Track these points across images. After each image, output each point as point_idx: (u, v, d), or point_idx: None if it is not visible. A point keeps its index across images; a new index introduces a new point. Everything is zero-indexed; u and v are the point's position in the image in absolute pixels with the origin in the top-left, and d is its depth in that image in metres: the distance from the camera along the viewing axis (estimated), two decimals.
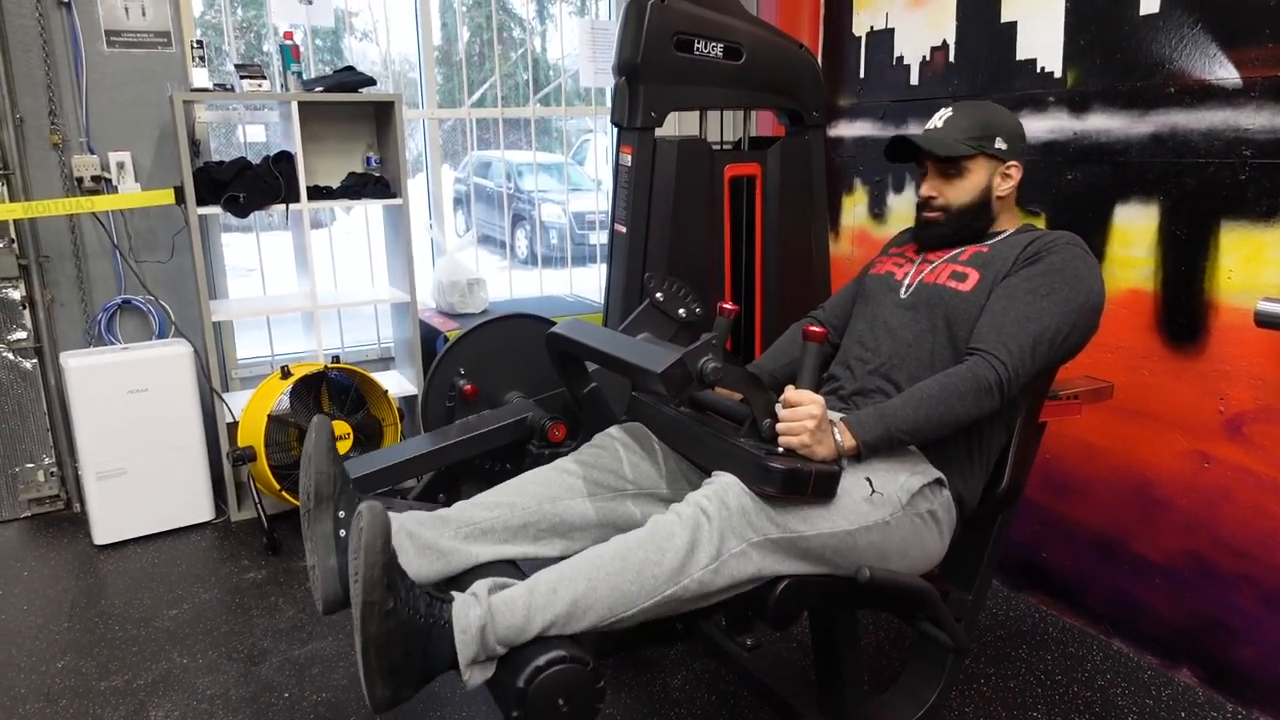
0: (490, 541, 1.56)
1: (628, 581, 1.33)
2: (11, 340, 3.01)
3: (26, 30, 2.89)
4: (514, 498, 1.60)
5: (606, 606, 1.33)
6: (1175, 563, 2.19)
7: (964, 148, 1.67)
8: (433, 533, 1.53)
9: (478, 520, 1.56)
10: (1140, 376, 2.21)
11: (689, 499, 1.39)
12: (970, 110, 1.71)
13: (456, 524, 1.55)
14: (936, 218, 1.74)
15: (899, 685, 1.98)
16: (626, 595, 1.33)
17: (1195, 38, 2.02)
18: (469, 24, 4.43)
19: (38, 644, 2.35)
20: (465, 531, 1.55)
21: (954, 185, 1.71)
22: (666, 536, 1.35)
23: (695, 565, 1.34)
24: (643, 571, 1.33)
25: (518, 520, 1.58)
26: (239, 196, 2.91)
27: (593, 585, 1.33)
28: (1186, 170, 2.07)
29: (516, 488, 1.63)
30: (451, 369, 2.08)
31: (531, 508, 1.59)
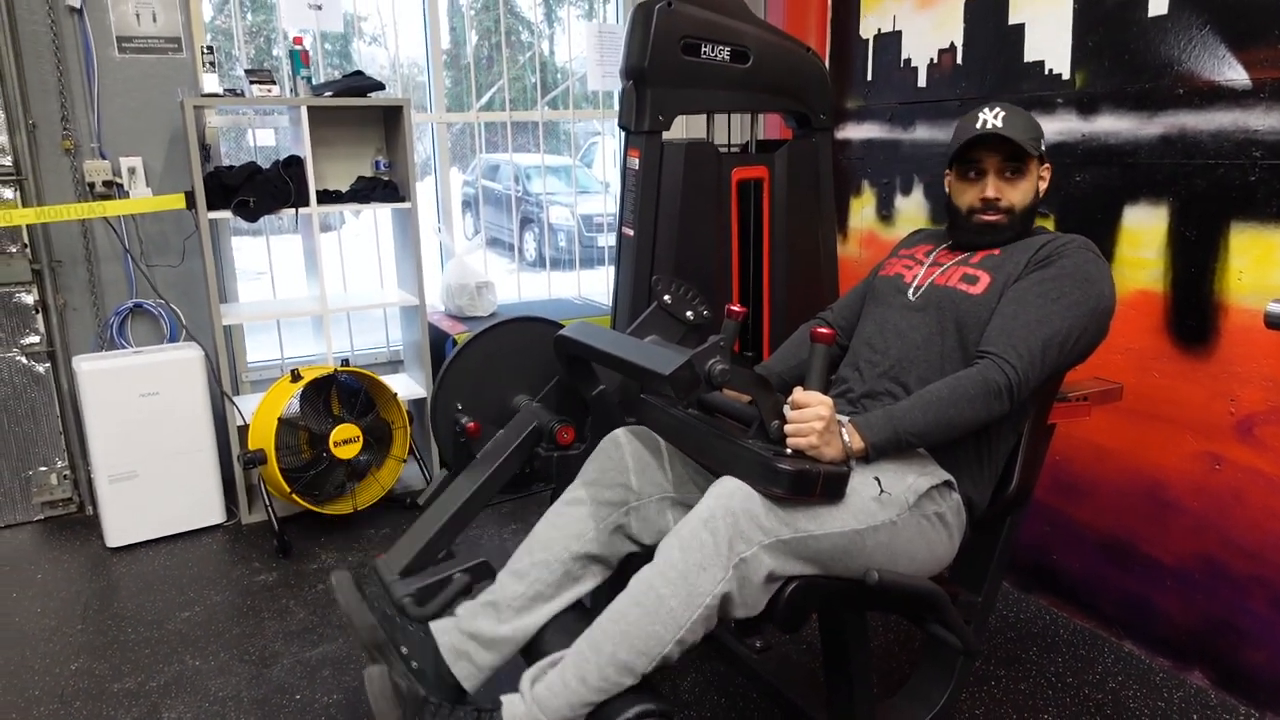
0: (541, 603, 1.62)
1: (651, 623, 1.36)
2: (25, 344, 3.04)
3: (39, 37, 2.92)
4: (542, 555, 1.64)
5: (641, 655, 1.36)
6: (1186, 565, 2.18)
7: (1033, 147, 1.65)
8: (489, 623, 1.60)
9: (521, 591, 1.62)
10: (1150, 378, 2.21)
11: (692, 514, 1.39)
12: (1016, 110, 1.67)
13: (506, 602, 1.61)
14: (1000, 220, 1.68)
15: (908, 688, 1.98)
16: (655, 636, 1.36)
17: (1204, 39, 2.02)
18: (477, 28, 4.45)
19: (51, 646, 2.37)
20: (516, 606, 1.61)
21: (1016, 186, 1.68)
22: (669, 565, 1.36)
23: (707, 583, 1.34)
24: (659, 608, 1.35)
25: (555, 574, 1.63)
26: (249, 201, 2.93)
27: (621, 639, 1.36)
28: (1196, 171, 2.06)
29: (542, 542, 1.66)
30: (455, 385, 2.08)
31: (561, 555, 1.63)
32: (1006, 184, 1.68)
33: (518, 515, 3.13)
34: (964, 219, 1.74)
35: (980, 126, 1.66)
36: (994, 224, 1.69)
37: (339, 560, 2.83)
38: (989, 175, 1.69)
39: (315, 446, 3.00)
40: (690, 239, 2.27)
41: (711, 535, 1.35)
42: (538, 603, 1.62)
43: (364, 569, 2.05)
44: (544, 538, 1.66)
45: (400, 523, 3.10)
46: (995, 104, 1.68)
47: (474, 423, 2.04)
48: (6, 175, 2.91)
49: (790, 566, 1.40)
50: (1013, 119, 1.65)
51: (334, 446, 2.91)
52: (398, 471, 3.16)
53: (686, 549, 1.35)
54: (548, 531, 1.67)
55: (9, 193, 2.93)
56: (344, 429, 2.92)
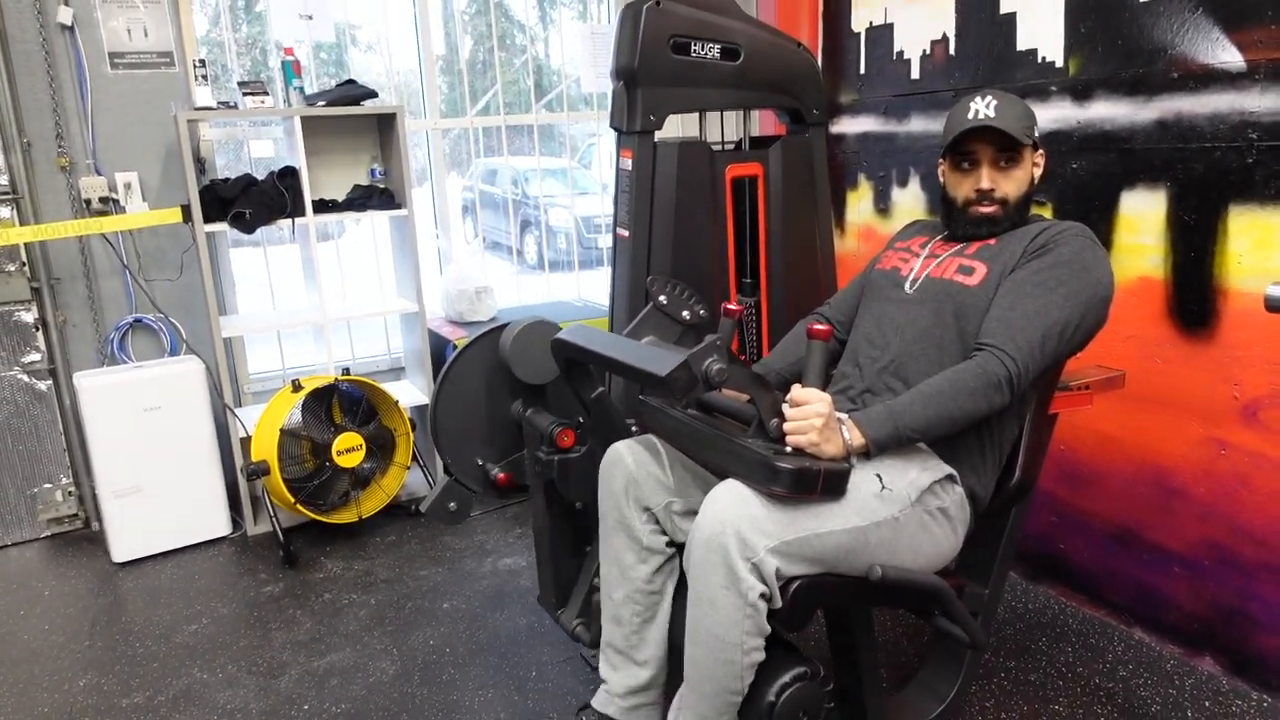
0: (649, 626, 1.73)
1: (716, 657, 1.42)
2: (26, 362, 3.04)
3: (31, 55, 2.92)
4: (619, 594, 1.73)
5: (727, 685, 1.43)
6: (1194, 551, 2.16)
7: (1026, 136, 1.64)
8: (625, 679, 1.75)
9: (627, 634, 1.74)
10: (1152, 364, 2.19)
11: (694, 539, 1.41)
12: (1009, 98, 1.66)
13: (623, 649, 1.75)
14: (996, 212, 1.68)
15: (917, 681, 1.97)
16: (729, 662, 1.41)
17: (1197, 22, 2.01)
18: (471, 32, 4.45)
19: (60, 662, 2.37)
20: (634, 644, 1.74)
21: (1010, 176, 1.67)
22: (699, 598, 1.41)
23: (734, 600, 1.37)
24: (715, 642, 1.41)
25: (640, 604, 1.72)
26: (245, 213, 2.93)
27: (709, 680, 1.44)
28: (1193, 155, 2.05)
29: (610, 583, 1.75)
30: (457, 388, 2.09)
31: (633, 588, 1.71)
32: (1000, 174, 1.67)
33: (522, 519, 3.13)
34: (959, 211, 1.73)
35: (972, 117, 1.65)
36: (990, 215, 1.69)
37: (344, 569, 2.83)
38: (983, 166, 1.68)
39: (318, 456, 3.00)
40: (685, 238, 2.26)
41: (719, 555, 1.36)
42: (646, 626, 1.72)
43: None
44: (608, 578, 1.75)
45: (405, 530, 3.10)
46: (987, 92, 1.67)
47: (504, 474, 2.11)
48: (3, 194, 2.92)
49: (794, 567, 1.40)
50: (1005, 108, 1.64)
51: (337, 455, 2.91)
52: (401, 479, 3.16)
53: (704, 579, 1.39)
54: (607, 571, 1.75)
55: (6, 211, 2.93)
56: (346, 438, 2.92)
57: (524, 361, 2.00)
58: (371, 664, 2.30)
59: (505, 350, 2.01)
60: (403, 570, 2.81)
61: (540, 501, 2.06)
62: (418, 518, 3.18)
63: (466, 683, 2.21)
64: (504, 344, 2.02)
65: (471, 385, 2.10)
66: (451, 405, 2.08)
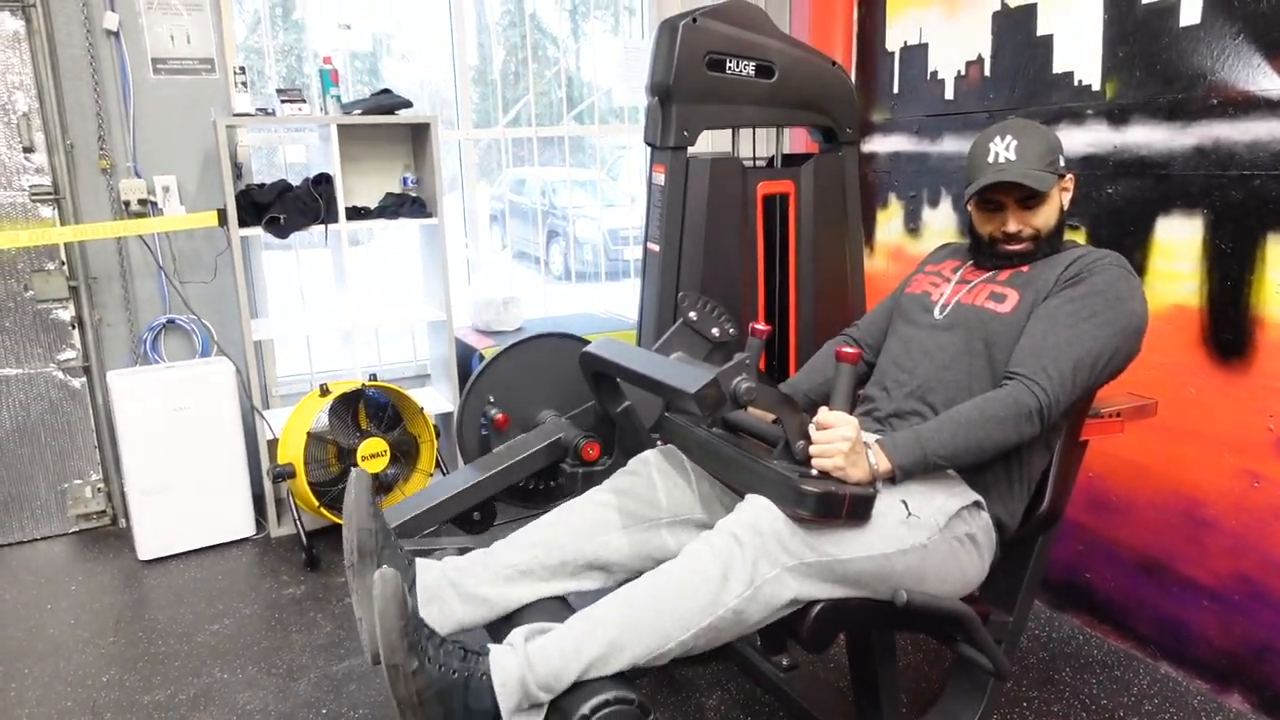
0: (530, 581, 1.57)
1: (662, 616, 1.33)
2: (61, 360, 3.10)
3: (77, 59, 2.98)
4: (550, 536, 1.60)
5: (643, 644, 1.32)
6: (1225, 585, 2.13)
7: (1050, 176, 1.62)
8: (473, 580, 1.55)
9: (515, 562, 1.57)
10: (1185, 393, 2.16)
11: (720, 526, 1.38)
12: (1029, 133, 1.65)
13: (496, 567, 1.57)
14: (1027, 247, 1.67)
15: (938, 708, 1.95)
16: (662, 631, 1.33)
17: (1238, 48, 1.99)
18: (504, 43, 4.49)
19: (85, 658, 2.40)
20: (505, 574, 1.56)
21: (1039, 213, 1.65)
22: (698, 568, 1.34)
23: (729, 594, 1.32)
24: (677, 606, 1.33)
25: (555, 559, 1.58)
26: (280, 218, 2.97)
27: (628, 624, 1.33)
28: (1231, 183, 2.03)
29: (552, 525, 1.63)
30: (483, 394, 2.10)
31: (568, 545, 1.59)
32: (1027, 213, 1.66)
33: None
34: (987, 245, 1.72)
35: (992, 160, 1.64)
36: (1020, 251, 1.68)
37: None
38: (1008, 210, 1.67)
39: (343, 460, 3.02)
40: (716, 255, 2.26)
41: (741, 549, 1.33)
42: (527, 578, 1.56)
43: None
44: (555, 523, 1.63)
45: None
46: (1007, 128, 1.65)
47: (503, 414, 2.05)
48: (45, 194, 2.98)
49: (816, 590, 1.38)
50: (1025, 145, 1.62)
51: (361, 460, 2.93)
52: (424, 485, 3.17)
53: (717, 556, 1.34)
54: (563, 521, 1.63)
55: (47, 211, 2.99)
56: (371, 443, 2.94)
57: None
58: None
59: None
60: None
61: None
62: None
63: None
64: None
65: (498, 395, 2.11)
66: (478, 415, 2.09)
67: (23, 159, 2.94)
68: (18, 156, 2.94)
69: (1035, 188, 1.60)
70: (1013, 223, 1.66)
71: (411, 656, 1.23)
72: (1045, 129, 1.68)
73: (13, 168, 2.94)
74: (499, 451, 2.04)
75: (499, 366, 2.11)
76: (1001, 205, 1.67)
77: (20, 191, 2.95)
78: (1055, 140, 1.67)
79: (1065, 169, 1.68)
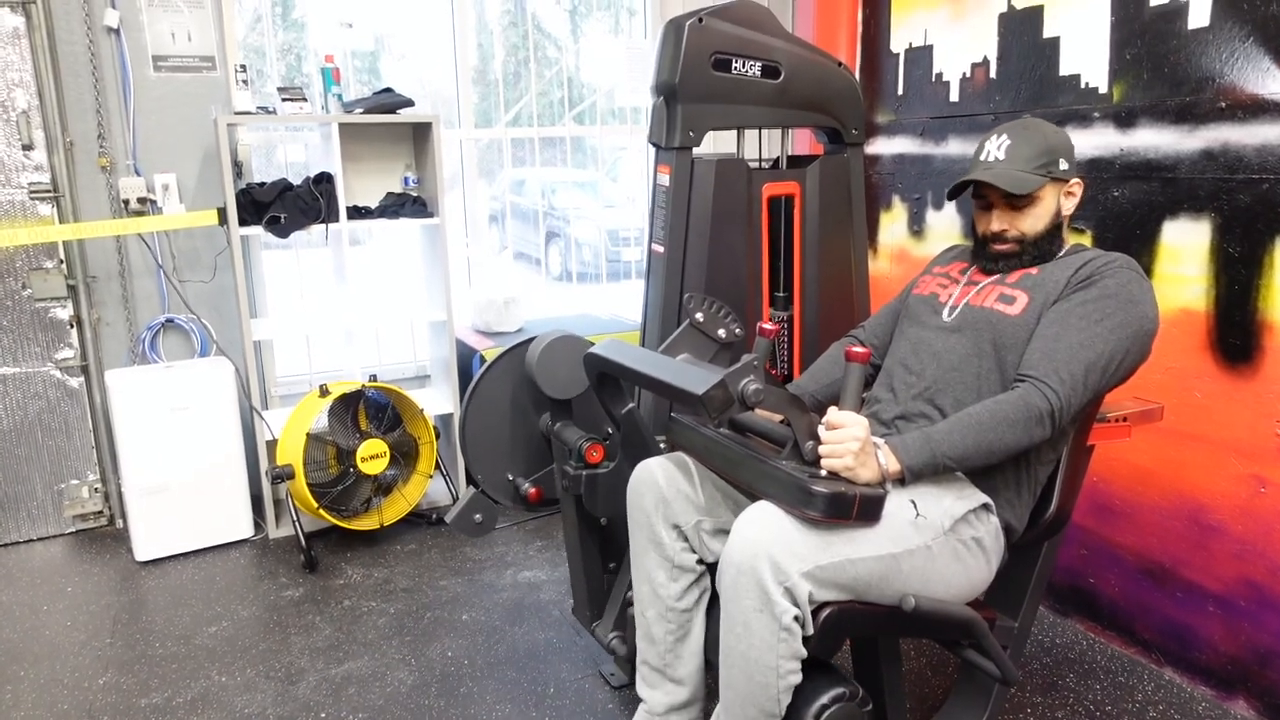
0: (683, 642, 1.72)
1: (752, 680, 1.40)
2: (59, 359, 3.07)
3: (77, 56, 2.96)
4: (651, 611, 1.72)
5: (763, 708, 1.41)
6: (1230, 590, 2.11)
7: (1036, 179, 1.62)
8: (664, 696, 1.75)
9: (661, 653, 1.73)
10: (1192, 398, 2.15)
11: (726, 562, 1.39)
12: (1026, 135, 1.65)
13: (658, 667, 1.74)
14: (1011, 249, 1.67)
15: (942, 713, 1.94)
16: (766, 686, 1.40)
17: (1247, 51, 1.98)
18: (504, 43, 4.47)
19: (81, 660, 2.38)
20: (668, 662, 1.73)
21: (1026, 215, 1.65)
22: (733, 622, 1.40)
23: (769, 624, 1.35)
24: (750, 666, 1.39)
25: (674, 622, 1.71)
26: (280, 217, 2.95)
27: (745, 702, 1.42)
28: (1239, 187, 2.02)
29: (642, 600, 1.74)
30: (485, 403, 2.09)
31: (664, 605, 1.70)
32: (1015, 214, 1.66)
33: (543, 532, 3.11)
34: (980, 245, 1.74)
35: (983, 158, 1.67)
36: (1004, 253, 1.69)
37: (364, 576, 2.83)
38: (994, 208, 1.68)
39: (342, 462, 3.00)
40: (721, 256, 2.25)
41: (752, 578, 1.34)
42: (680, 644, 1.71)
43: None
44: (641, 596, 1.74)
45: (425, 539, 3.10)
46: (1007, 128, 1.67)
47: (536, 489, 2.12)
48: (44, 192, 2.96)
49: (825, 593, 1.37)
50: (1016, 148, 1.63)
51: (361, 462, 2.92)
52: (424, 487, 3.16)
53: (737, 601, 1.37)
54: (639, 589, 1.74)
55: (46, 209, 2.97)
56: (371, 444, 2.92)
57: (550, 376, 2.00)
58: (389, 673, 2.29)
59: (531, 364, 2.00)
60: (422, 580, 2.80)
61: (572, 515, 2.05)
62: (438, 527, 3.18)
63: (484, 696, 2.19)
64: (530, 358, 2.01)
65: (500, 399, 2.10)
66: (480, 419, 2.07)
67: (22, 156, 2.92)
68: (17, 154, 2.92)
69: (1006, 188, 1.61)
70: (996, 222, 1.68)
71: None
72: (1052, 132, 1.67)
73: (12, 165, 2.91)
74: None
75: (500, 369, 2.09)
76: (991, 204, 1.68)
77: (19, 189, 2.93)
78: (1058, 143, 1.65)
79: (1068, 173, 1.66)
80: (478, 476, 2.10)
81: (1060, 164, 1.64)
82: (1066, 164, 1.65)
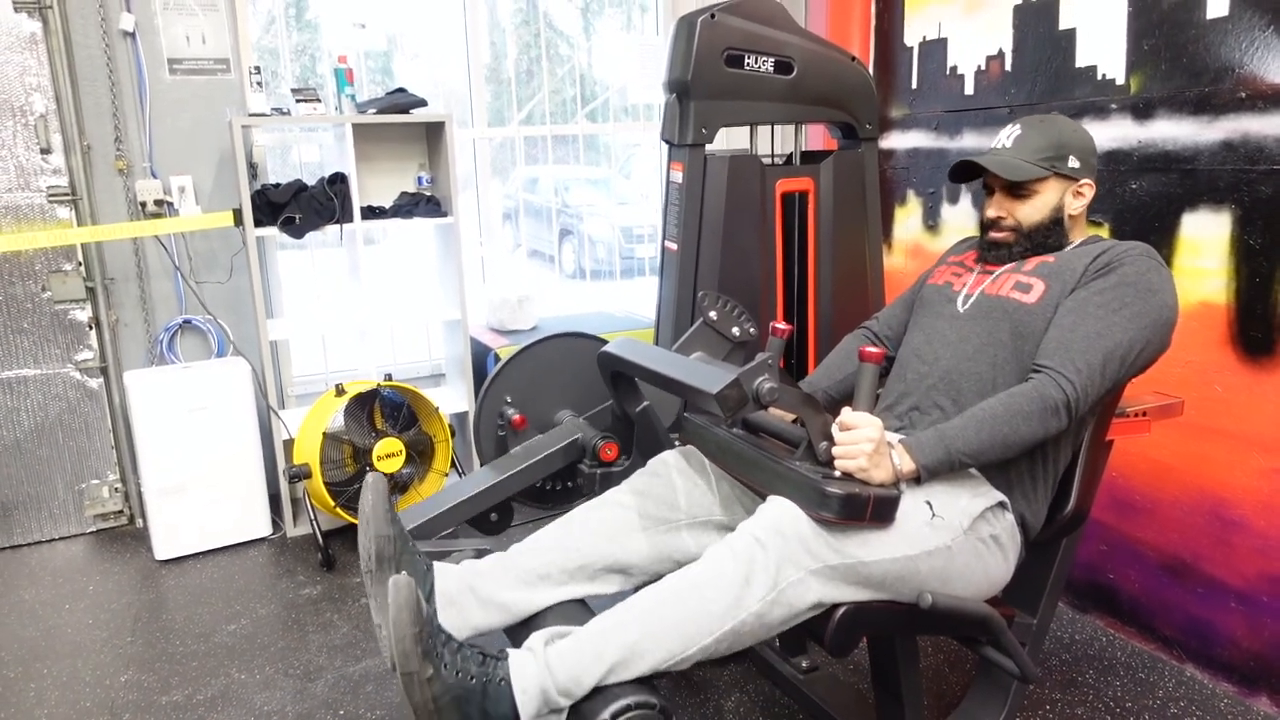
0: (549, 585, 1.55)
1: (684, 621, 1.31)
2: (79, 360, 3.11)
3: (93, 60, 2.99)
4: (569, 539, 1.59)
5: (664, 649, 1.31)
6: (1252, 586, 2.09)
7: (1035, 169, 1.62)
8: (492, 584, 1.54)
9: (534, 566, 1.55)
10: (1212, 392, 2.13)
11: (742, 529, 1.36)
12: (1040, 128, 1.65)
13: (514, 571, 1.55)
14: (1006, 238, 1.69)
15: (960, 710, 1.92)
16: (683, 635, 1.31)
17: (1267, 40, 1.95)
18: (517, 41, 4.48)
19: (103, 658, 2.41)
20: (523, 578, 1.55)
21: (1023, 205, 1.66)
22: (720, 572, 1.32)
23: (751, 598, 1.31)
24: (699, 610, 1.31)
25: (574, 562, 1.56)
26: (295, 218, 2.96)
27: (648, 628, 1.31)
28: (1260, 178, 1.99)
29: (571, 527, 1.61)
30: (499, 395, 2.09)
31: (587, 548, 1.57)
32: (1013, 202, 1.67)
33: None
34: (982, 232, 1.75)
35: (995, 145, 1.69)
36: (998, 241, 1.70)
37: None
38: (995, 194, 1.70)
39: (359, 460, 3.02)
40: (734, 253, 2.24)
41: (764, 551, 1.32)
42: (546, 582, 1.55)
43: None
44: (574, 525, 1.61)
45: None
46: (1022, 121, 1.68)
47: (520, 415, 2.04)
48: (63, 195, 2.98)
49: (840, 593, 1.36)
50: (1025, 138, 1.65)
51: (377, 460, 2.93)
52: (439, 485, 3.17)
53: (739, 559, 1.32)
54: (580, 523, 1.61)
55: (65, 212, 3.00)
56: (387, 443, 2.94)
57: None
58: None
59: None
60: None
61: None
62: None
63: None
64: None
65: (516, 395, 2.10)
66: (495, 417, 2.08)
67: (40, 160, 2.95)
68: (35, 158, 2.94)
69: (996, 171, 1.62)
70: (992, 208, 1.70)
71: (426, 663, 1.21)
72: (1070, 130, 1.66)
73: (30, 169, 2.94)
74: (516, 452, 2.03)
75: (517, 366, 2.10)
76: (993, 191, 1.70)
77: (38, 193, 2.96)
78: (1073, 141, 1.64)
79: (1079, 172, 1.64)
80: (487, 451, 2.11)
81: (1070, 161, 1.63)
82: (1078, 163, 1.64)
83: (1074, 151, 1.63)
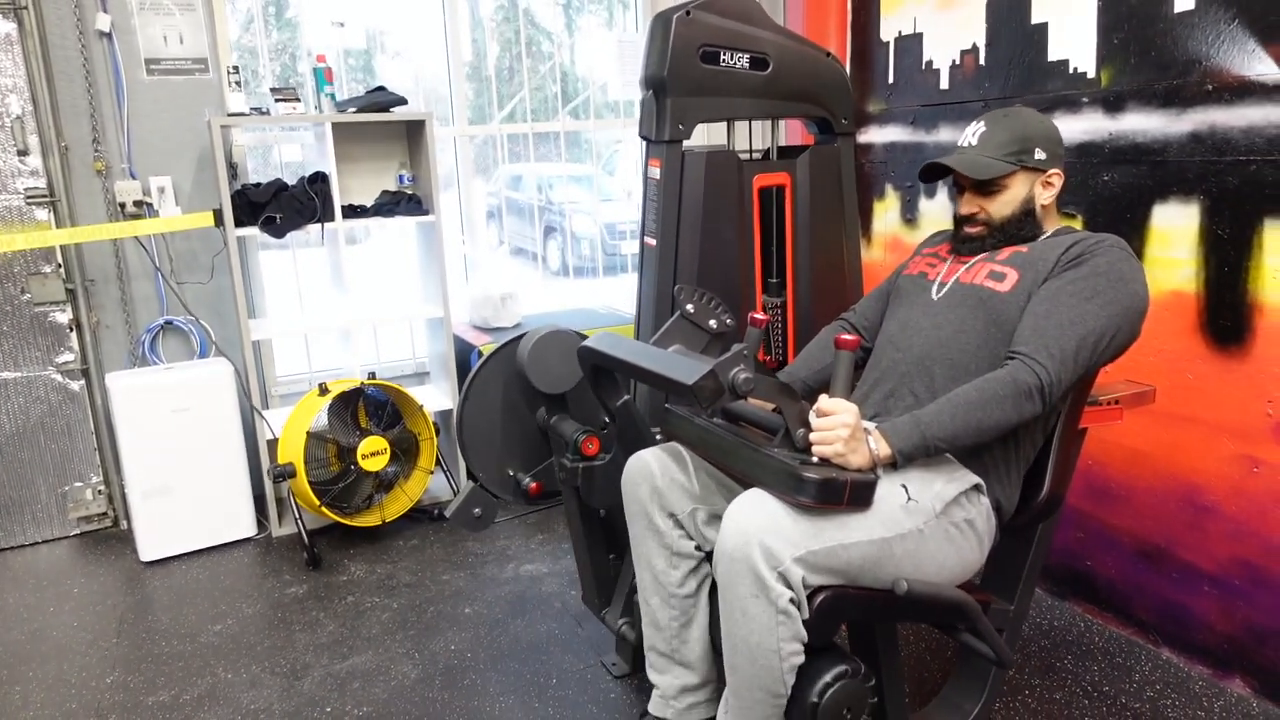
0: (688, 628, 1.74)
1: (755, 662, 1.42)
2: (60, 363, 3.09)
3: (70, 60, 2.97)
4: (651, 599, 1.75)
5: (769, 689, 1.44)
6: (1225, 570, 2.13)
7: (1002, 165, 1.65)
8: (674, 680, 1.77)
9: (666, 644, 1.76)
10: (1183, 380, 2.17)
11: (719, 552, 1.41)
12: (1004, 123, 1.68)
13: (665, 652, 1.77)
14: (980, 232, 1.72)
15: (941, 698, 1.96)
16: (770, 669, 1.42)
17: (1232, 34, 1.98)
18: (498, 39, 4.48)
19: (88, 659, 2.40)
20: (675, 647, 1.75)
21: (994, 200, 1.69)
22: (730, 608, 1.41)
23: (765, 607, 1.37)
24: (752, 650, 1.41)
25: (677, 608, 1.73)
26: (276, 218, 2.96)
27: (751, 684, 1.44)
28: (1227, 169, 2.03)
29: (645, 587, 1.76)
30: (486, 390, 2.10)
31: (667, 592, 1.73)
32: (983, 198, 1.71)
33: (544, 525, 3.13)
34: (956, 227, 1.79)
35: (961, 143, 1.73)
36: (973, 235, 1.74)
37: (367, 572, 2.85)
38: (966, 191, 1.73)
39: (343, 459, 3.02)
40: (713, 247, 2.26)
41: (745, 565, 1.36)
42: (685, 629, 1.73)
43: None
44: (643, 584, 1.77)
45: (427, 534, 3.12)
46: (985, 117, 1.72)
47: (536, 484, 2.13)
48: (40, 197, 2.97)
49: (818, 578, 1.39)
50: (990, 134, 1.69)
51: (362, 459, 2.94)
52: (425, 483, 3.18)
53: (733, 588, 1.39)
54: (642, 577, 1.76)
55: (43, 214, 2.99)
56: (371, 441, 2.94)
57: (542, 370, 2.02)
58: (393, 667, 2.31)
59: (523, 360, 2.02)
60: (425, 574, 2.82)
61: (574, 506, 2.07)
62: (440, 522, 3.20)
63: (487, 688, 2.21)
64: (521, 354, 2.03)
65: (497, 394, 2.11)
66: (477, 414, 2.09)
67: (17, 162, 2.94)
68: (12, 160, 2.93)
69: (963, 172, 1.67)
70: (964, 205, 1.74)
71: None
72: (1035, 121, 1.69)
73: (7, 171, 2.93)
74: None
75: (495, 364, 2.11)
76: (964, 188, 1.74)
77: (15, 195, 2.95)
78: (1037, 132, 1.67)
79: (1045, 163, 1.67)
80: (476, 472, 2.12)
81: (1036, 153, 1.66)
82: (1044, 154, 1.67)
83: (1039, 143, 1.66)
